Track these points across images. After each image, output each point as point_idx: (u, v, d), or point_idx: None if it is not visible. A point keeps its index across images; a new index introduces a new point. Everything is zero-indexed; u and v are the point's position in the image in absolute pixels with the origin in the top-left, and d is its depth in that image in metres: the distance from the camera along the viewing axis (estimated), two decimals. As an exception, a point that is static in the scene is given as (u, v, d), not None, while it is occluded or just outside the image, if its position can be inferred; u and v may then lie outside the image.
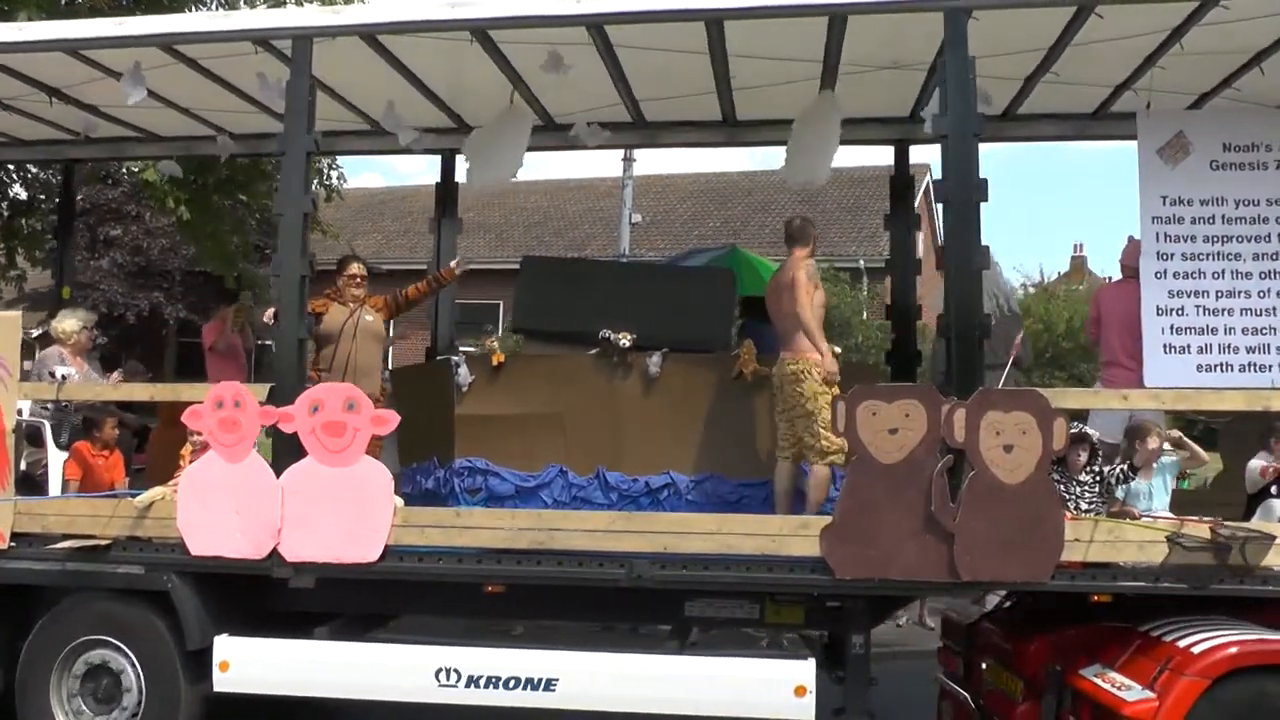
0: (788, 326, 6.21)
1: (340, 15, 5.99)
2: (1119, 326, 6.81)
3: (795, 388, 6.05)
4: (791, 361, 6.11)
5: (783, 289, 6.26)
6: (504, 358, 6.37)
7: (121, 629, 6.13)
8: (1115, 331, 6.85)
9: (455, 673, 5.66)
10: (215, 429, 5.91)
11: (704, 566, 5.56)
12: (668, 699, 5.57)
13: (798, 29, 6.20)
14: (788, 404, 6.11)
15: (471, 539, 5.68)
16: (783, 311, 6.25)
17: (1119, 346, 6.81)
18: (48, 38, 6.49)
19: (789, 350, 6.17)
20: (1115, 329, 6.85)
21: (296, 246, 5.89)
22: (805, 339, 6.10)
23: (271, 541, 5.80)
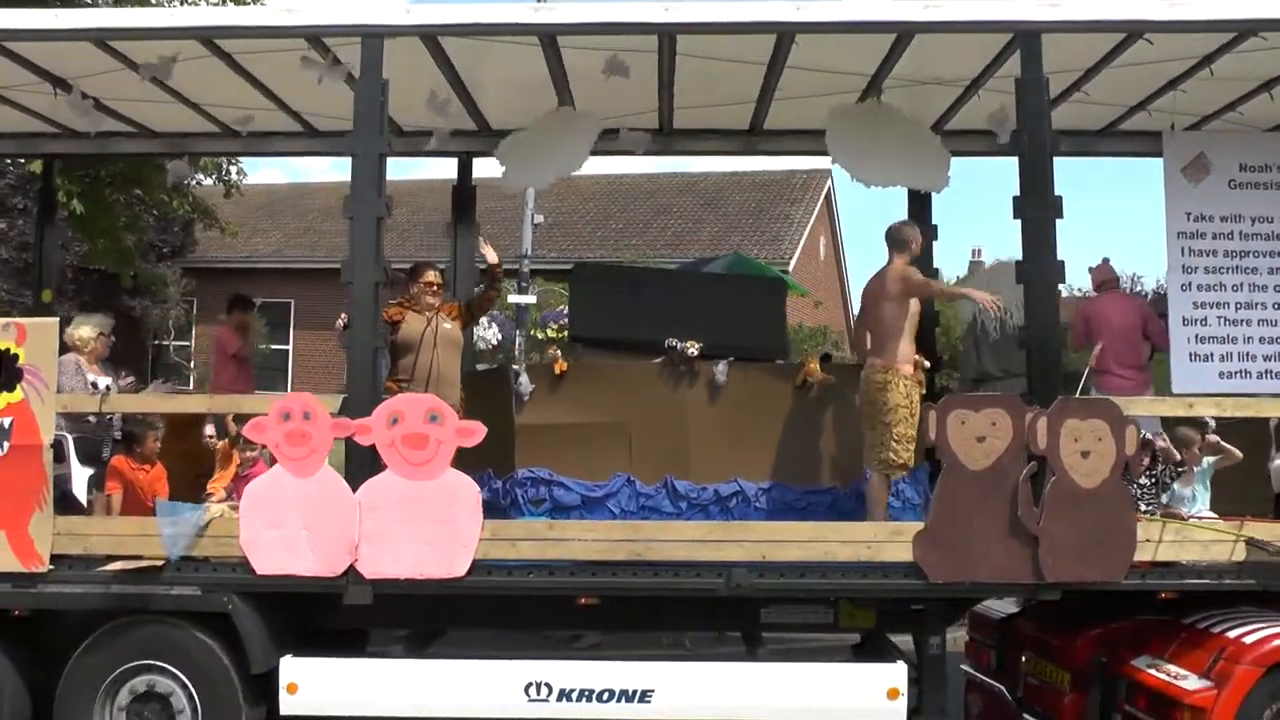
0: (880, 333, 6.30)
1: (411, 15, 5.80)
2: (1109, 338, 7.15)
3: (881, 394, 6.16)
4: (881, 370, 6.20)
5: (879, 296, 6.34)
6: (566, 366, 6.28)
7: (173, 653, 5.81)
8: (1110, 342, 7.18)
9: (546, 687, 5.57)
10: (282, 442, 5.66)
11: (800, 574, 5.61)
12: (763, 706, 5.61)
13: (863, 44, 6.31)
14: (873, 411, 6.21)
15: (565, 551, 5.60)
16: (876, 318, 6.34)
17: (1110, 357, 7.14)
18: (80, 26, 6.14)
19: (880, 357, 6.26)
20: (1105, 341, 7.18)
21: (370, 252, 5.69)
22: (893, 349, 6.19)
23: (347, 559, 5.59)
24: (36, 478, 5.88)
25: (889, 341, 6.23)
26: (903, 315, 6.25)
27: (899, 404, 6.07)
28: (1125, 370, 7.01)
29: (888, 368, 6.18)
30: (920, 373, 6.25)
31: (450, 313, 6.71)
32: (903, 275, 6.29)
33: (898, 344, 6.22)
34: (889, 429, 6.07)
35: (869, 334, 6.40)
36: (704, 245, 27.48)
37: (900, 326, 6.24)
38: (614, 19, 5.86)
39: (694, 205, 29.70)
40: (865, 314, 6.51)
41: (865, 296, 6.57)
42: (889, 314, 6.26)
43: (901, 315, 6.25)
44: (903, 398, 6.10)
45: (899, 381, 6.14)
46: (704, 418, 6.32)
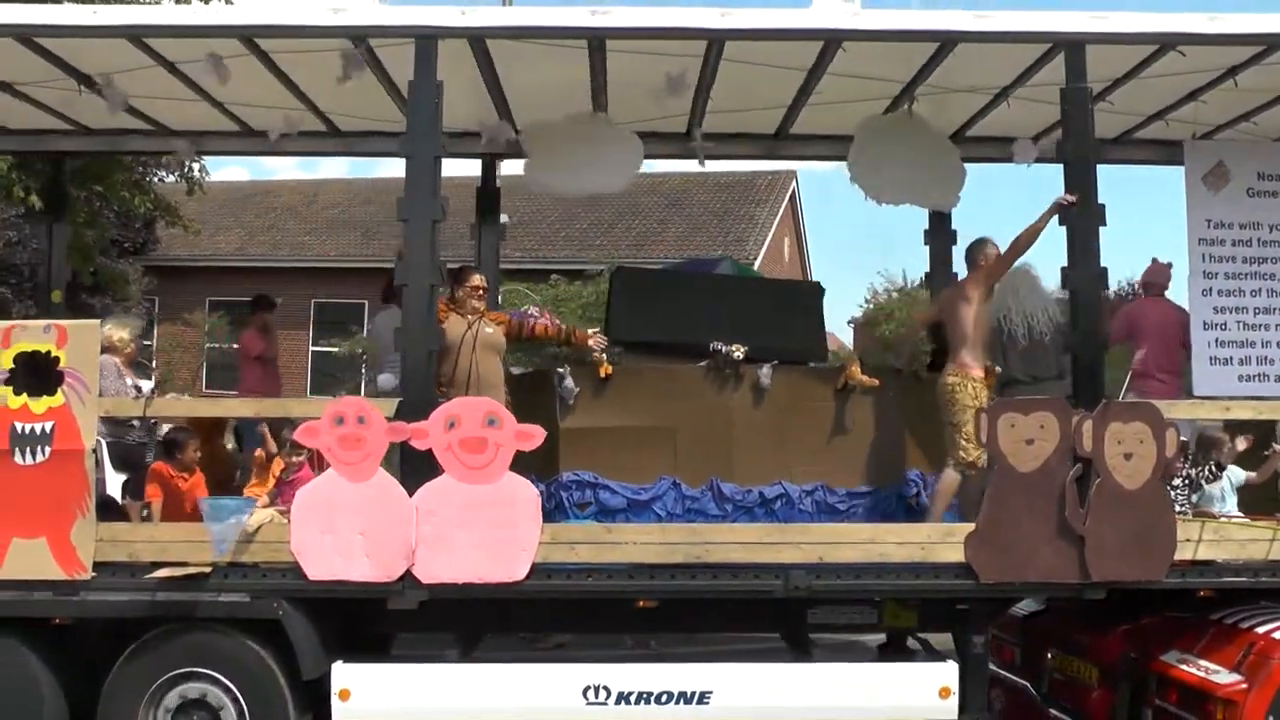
0: (954, 340, 6.47)
1: (466, 17, 5.76)
2: (1152, 341, 7.31)
3: (951, 396, 6.28)
4: (952, 374, 6.36)
5: (953, 304, 6.52)
6: (611, 369, 6.28)
7: (219, 660, 5.72)
8: (1152, 345, 7.35)
9: (605, 690, 5.57)
10: (335, 446, 5.60)
11: (856, 575, 5.68)
12: (818, 706, 5.66)
13: (905, 51, 6.39)
14: (949, 415, 6.33)
15: (624, 554, 5.61)
16: (950, 326, 6.52)
17: (1151, 361, 7.31)
18: (118, 23, 6.03)
19: (952, 363, 6.41)
20: (1151, 343, 7.35)
21: (425, 254, 5.67)
22: (966, 354, 6.35)
23: (404, 563, 5.55)
24: (79, 483, 5.76)
25: (961, 347, 6.41)
26: (974, 322, 6.42)
27: (968, 405, 6.19)
28: (1164, 374, 7.17)
29: (957, 372, 6.34)
30: (991, 376, 6.40)
31: (495, 319, 6.68)
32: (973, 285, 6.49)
33: (969, 349, 6.40)
34: (959, 429, 6.20)
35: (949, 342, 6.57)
36: (669, 246, 27.54)
37: (971, 333, 6.41)
38: (669, 24, 5.87)
39: (659, 206, 29.72)
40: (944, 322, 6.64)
41: (942, 305, 6.78)
42: (963, 321, 6.43)
43: (973, 322, 6.42)
44: (971, 399, 6.23)
45: (968, 384, 6.29)
46: (748, 420, 6.36)
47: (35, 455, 5.79)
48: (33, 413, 5.81)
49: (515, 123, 7.78)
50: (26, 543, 5.76)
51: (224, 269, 26.24)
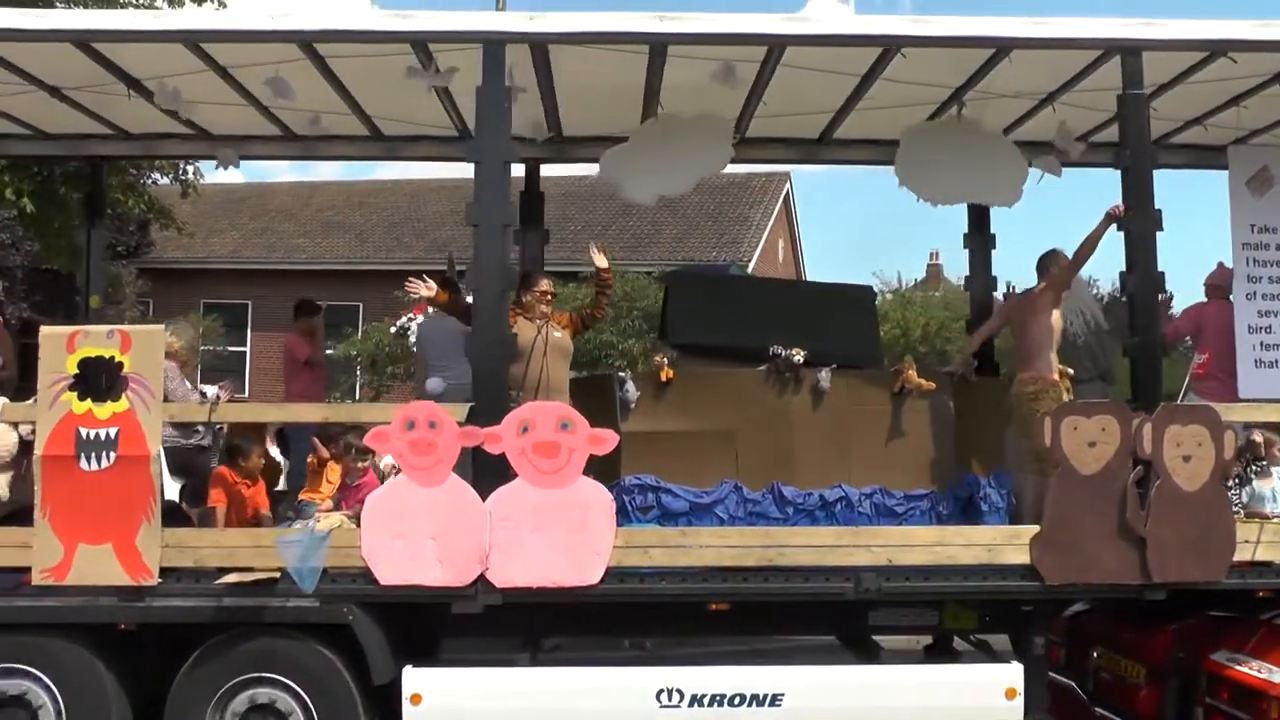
0: (1028, 349, 6.56)
1: (534, 22, 5.78)
2: (1214, 344, 7.41)
3: (1033, 405, 6.36)
4: (1031, 383, 6.45)
5: (1026, 314, 6.60)
6: (672, 374, 6.30)
7: (288, 665, 5.72)
8: (1214, 348, 7.44)
9: (678, 693, 5.60)
10: (406, 451, 5.61)
11: (924, 577, 5.73)
12: (887, 707, 5.72)
13: (959, 57, 6.44)
14: (1025, 421, 6.38)
15: (697, 558, 5.64)
16: (1023, 335, 6.62)
17: (1214, 363, 7.40)
18: (177, 28, 6.03)
19: (1029, 371, 6.50)
20: (1214, 345, 7.44)
21: (497, 258, 5.68)
22: (1042, 362, 6.45)
23: (477, 568, 5.56)
24: (144, 489, 5.75)
25: (1036, 356, 6.50)
26: (1048, 331, 6.53)
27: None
28: (1225, 376, 7.25)
29: (1036, 380, 6.42)
30: (1066, 380, 6.47)
31: (561, 322, 6.70)
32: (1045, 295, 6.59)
33: (1044, 358, 6.50)
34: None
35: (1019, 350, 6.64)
36: (664, 248, 27.58)
37: (1046, 341, 6.52)
38: (734, 30, 5.92)
39: (653, 208, 29.46)
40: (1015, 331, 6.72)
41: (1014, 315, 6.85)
42: (1036, 330, 6.54)
43: (1046, 330, 6.53)
44: (1053, 405, 6.28)
45: (1048, 391, 6.39)
46: (807, 423, 6.39)
47: (101, 461, 5.77)
48: (97, 418, 5.79)
49: (562, 126, 7.79)
50: (92, 549, 5.75)
51: (218, 271, 26.12)
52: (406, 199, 29.45)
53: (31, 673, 5.78)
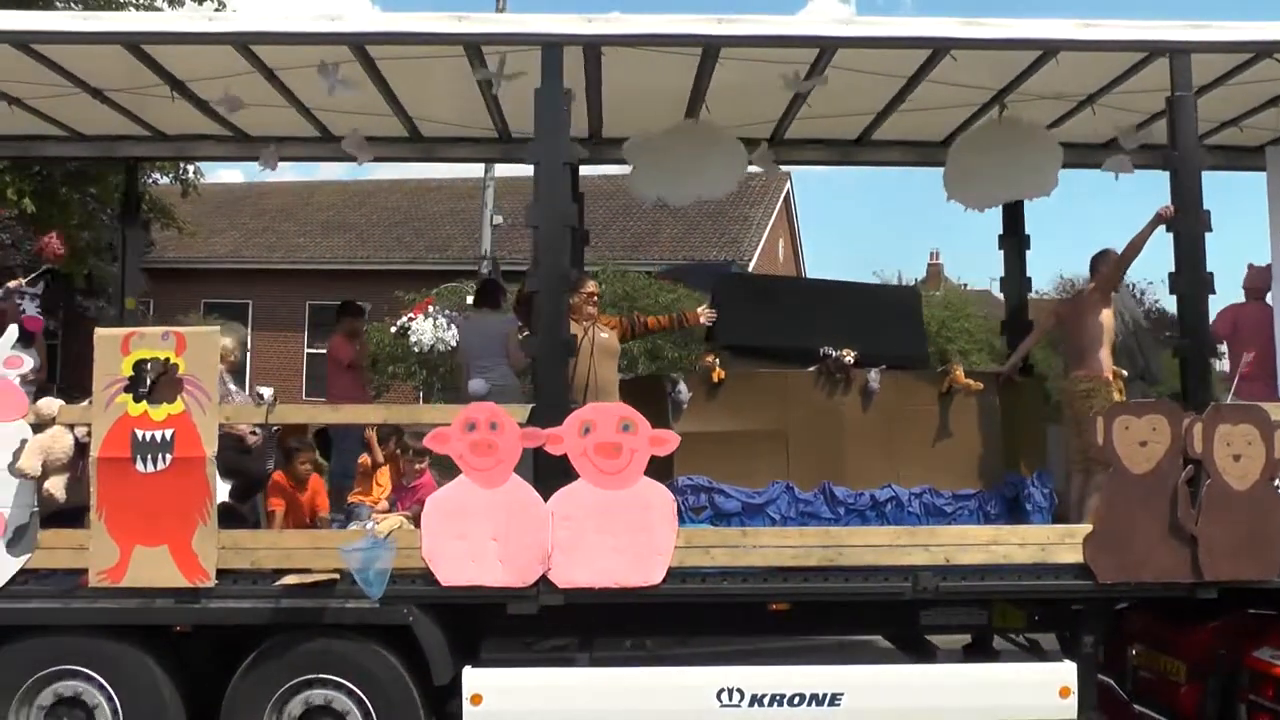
0: (1081, 347, 6.61)
1: (593, 25, 5.80)
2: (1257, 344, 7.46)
3: (1085, 403, 6.41)
4: (1085, 380, 6.52)
5: (1079, 313, 6.66)
6: (723, 374, 6.32)
7: (346, 666, 5.73)
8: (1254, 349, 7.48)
9: (738, 692, 5.63)
10: (467, 453, 5.62)
11: (980, 576, 5.77)
12: (944, 706, 5.76)
13: (1005, 59, 6.48)
14: (1079, 419, 6.42)
15: (759, 558, 5.67)
16: (1077, 333, 6.66)
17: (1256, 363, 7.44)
18: (227, 31, 6.02)
19: (1082, 369, 6.56)
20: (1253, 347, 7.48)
21: (558, 259, 5.69)
22: (1096, 360, 6.50)
23: (539, 568, 5.58)
24: (200, 491, 5.75)
25: (1090, 354, 6.57)
26: (1100, 328, 6.59)
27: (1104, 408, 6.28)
28: (1265, 377, 7.31)
29: (1090, 377, 6.48)
30: (1119, 380, 6.52)
31: (609, 324, 6.72)
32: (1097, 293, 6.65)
33: (1097, 355, 6.56)
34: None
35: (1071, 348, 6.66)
36: (664, 247, 27.62)
37: (1099, 339, 6.58)
38: (789, 33, 5.96)
39: (654, 208, 29.70)
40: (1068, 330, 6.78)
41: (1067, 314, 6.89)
42: (1089, 329, 6.61)
43: (1099, 328, 6.59)
44: (1106, 402, 6.36)
45: (1102, 389, 6.46)
46: (857, 424, 6.41)
47: (156, 463, 5.77)
48: (153, 420, 5.79)
49: (603, 128, 7.80)
50: (148, 550, 5.75)
51: (219, 271, 26.04)
52: (406, 199, 29.42)
53: (88, 674, 5.79)
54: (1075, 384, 6.57)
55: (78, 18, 6.09)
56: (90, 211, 19.51)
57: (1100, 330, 6.66)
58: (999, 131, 7.23)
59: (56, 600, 5.77)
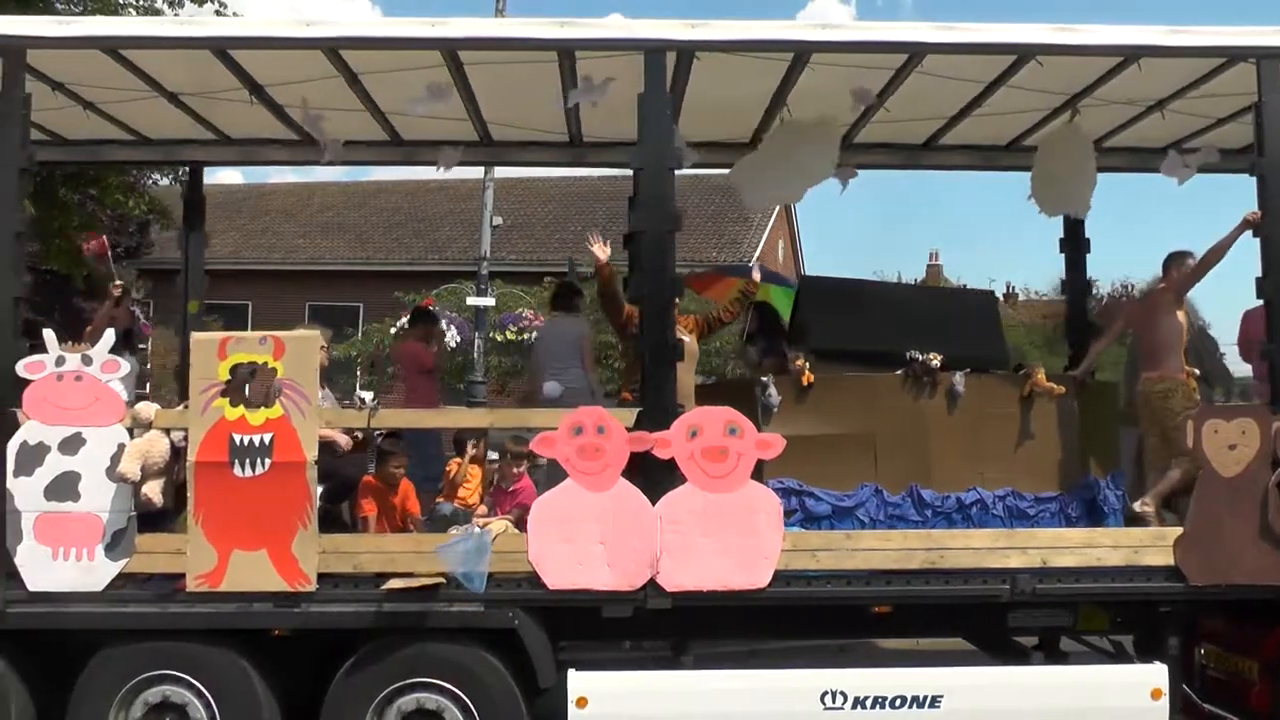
0: (1156, 348, 6.66)
1: (695, 30, 5.82)
2: None
3: (1164, 403, 6.48)
4: (1159, 381, 6.56)
5: (1151, 314, 6.68)
6: (813, 378, 6.37)
7: (449, 670, 5.72)
8: None
9: (841, 695, 5.67)
10: (574, 457, 5.64)
11: (1075, 579, 5.84)
12: (1040, 708, 5.81)
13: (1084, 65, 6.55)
14: (1158, 419, 6.50)
15: (863, 561, 5.72)
16: (1151, 335, 6.71)
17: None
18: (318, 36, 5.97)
19: (1156, 370, 6.60)
20: None
21: (662, 264, 5.71)
22: (1170, 361, 6.53)
23: (647, 572, 5.60)
24: (300, 495, 5.73)
25: (1165, 355, 6.60)
26: (1175, 330, 6.63)
27: (1185, 408, 6.39)
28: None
29: (1164, 378, 6.52)
30: (1192, 380, 6.59)
31: (686, 325, 6.74)
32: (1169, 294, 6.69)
33: (1172, 357, 6.61)
34: (1179, 431, 6.35)
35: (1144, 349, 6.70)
36: (664, 248, 27.59)
37: (1174, 341, 6.63)
38: (883, 39, 6.01)
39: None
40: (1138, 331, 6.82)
41: (1138, 314, 6.90)
42: (1162, 330, 6.65)
43: (1175, 330, 6.63)
44: (1186, 402, 6.43)
45: (1180, 389, 6.53)
46: (942, 427, 6.47)
47: (255, 467, 5.75)
48: (250, 424, 5.78)
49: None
50: (247, 555, 5.73)
51: (219, 272, 25.77)
52: (406, 200, 29.36)
53: (185, 679, 5.76)
54: (1151, 385, 6.62)
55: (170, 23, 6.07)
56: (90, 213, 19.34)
57: (1175, 331, 6.71)
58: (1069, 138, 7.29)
59: (154, 604, 5.75)
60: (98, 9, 17.86)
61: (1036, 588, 5.80)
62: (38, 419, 5.84)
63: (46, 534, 5.76)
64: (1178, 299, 6.76)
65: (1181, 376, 6.65)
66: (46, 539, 5.75)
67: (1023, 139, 7.93)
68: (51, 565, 5.74)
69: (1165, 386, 6.54)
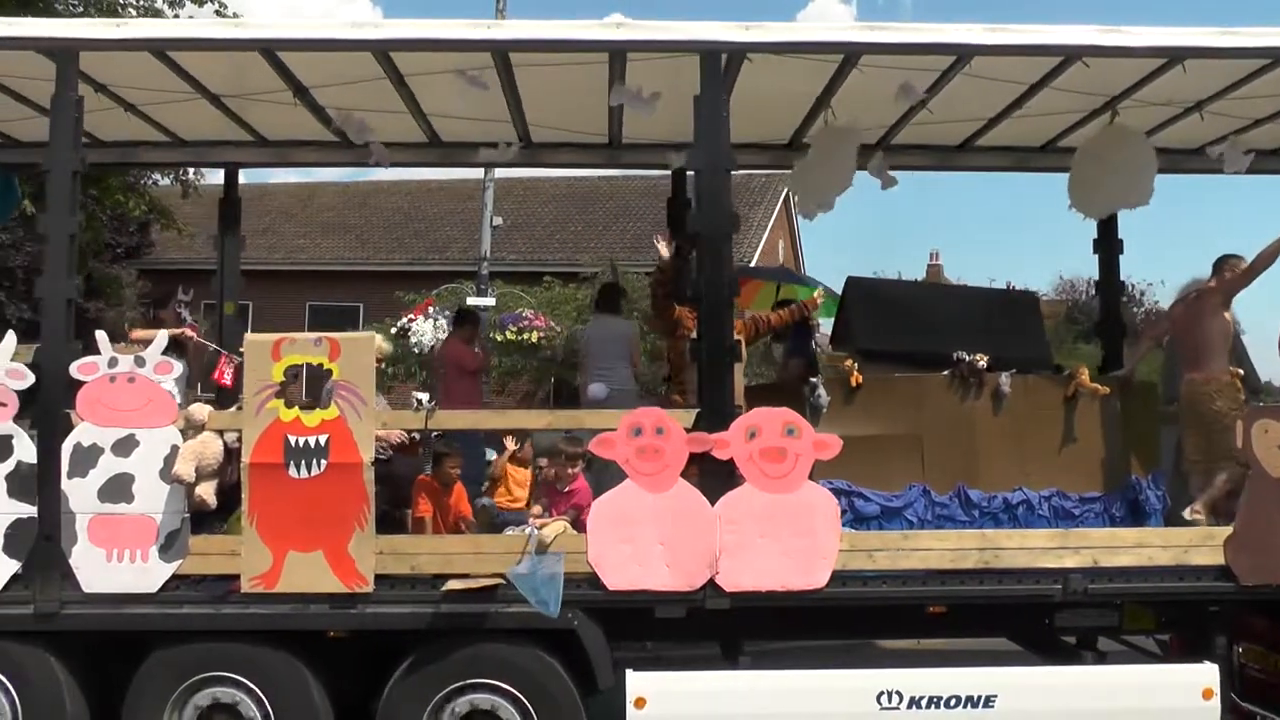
0: (1201, 349, 6.68)
1: (750, 32, 5.84)
2: None
3: (1210, 405, 6.50)
4: (1205, 382, 6.57)
5: (1198, 316, 6.73)
6: (861, 379, 6.39)
7: (507, 670, 5.73)
8: None
9: (897, 694, 5.69)
10: (633, 458, 5.65)
11: (1126, 579, 5.88)
12: (1092, 708, 5.84)
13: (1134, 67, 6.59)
14: (1203, 420, 6.53)
15: (919, 561, 5.75)
16: (1198, 335, 6.72)
17: None
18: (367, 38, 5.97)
19: (1201, 371, 6.62)
20: None
21: (722, 265, 5.74)
22: (1217, 361, 6.58)
23: (706, 572, 5.62)
24: (356, 496, 5.74)
25: (1212, 356, 6.62)
26: (1223, 331, 6.66)
27: (1230, 409, 6.44)
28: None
29: (1212, 379, 6.56)
30: (1237, 381, 6.62)
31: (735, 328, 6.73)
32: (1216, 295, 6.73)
33: (1219, 358, 6.63)
34: (1227, 432, 6.40)
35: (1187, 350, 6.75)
36: (664, 248, 27.58)
37: (1220, 342, 6.65)
38: (932, 40, 6.04)
39: (654, 208, 29.65)
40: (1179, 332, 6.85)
41: (1176, 320, 6.99)
42: (1208, 331, 6.67)
43: (1222, 331, 6.66)
44: (1231, 403, 6.47)
45: (1227, 390, 6.55)
46: (989, 428, 6.49)
47: (310, 468, 5.76)
48: (306, 426, 5.78)
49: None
50: (303, 556, 5.74)
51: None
52: (406, 200, 29.32)
53: (239, 680, 5.76)
54: (1197, 386, 6.63)
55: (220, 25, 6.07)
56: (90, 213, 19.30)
57: (1222, 333, 6.73)
58: (1110, 138, 7.33)
59: (209, 606, 5.74)
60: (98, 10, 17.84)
61: (1089, 588, 5.83)
62: (91, 420, 5.84)
63: (101, 535, 5.76)
64: (1225, 301, 6.78)
65: (1227, 378, 6.66)
66: (101, 540, 5.76)
67: (1057, 140, 7.97)
68: (106, 567, 5.74)
69: (1211, 388, 6.55)
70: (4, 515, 5.75)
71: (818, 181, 7.15)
